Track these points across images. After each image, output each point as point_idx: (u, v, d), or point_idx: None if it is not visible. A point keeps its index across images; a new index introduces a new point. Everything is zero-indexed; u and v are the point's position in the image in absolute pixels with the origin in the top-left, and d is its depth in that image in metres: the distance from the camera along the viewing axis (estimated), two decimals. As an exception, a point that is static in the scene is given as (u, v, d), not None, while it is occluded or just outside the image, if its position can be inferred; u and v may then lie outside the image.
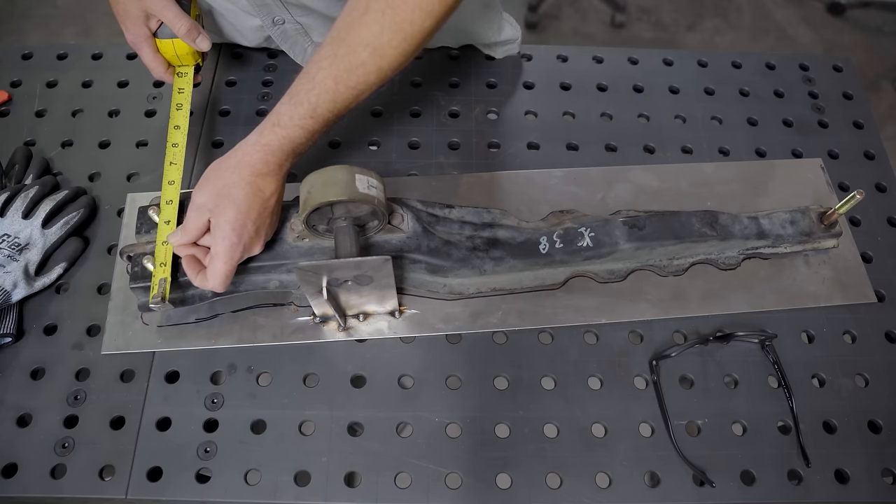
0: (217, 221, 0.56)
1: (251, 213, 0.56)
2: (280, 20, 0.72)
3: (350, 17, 0.56)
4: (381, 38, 0.55)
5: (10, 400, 0.62)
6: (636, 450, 0.61)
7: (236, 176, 0.56)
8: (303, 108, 0.56)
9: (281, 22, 0.73)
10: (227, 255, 0.56)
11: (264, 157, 0.56)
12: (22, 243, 0.67)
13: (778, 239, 0.69)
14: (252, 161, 0.56)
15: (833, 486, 0.60)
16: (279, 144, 0.56)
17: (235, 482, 0.58)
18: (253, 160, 0.56)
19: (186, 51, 0.69)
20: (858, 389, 0.65)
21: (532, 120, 0.82)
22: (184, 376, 0.63)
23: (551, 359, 0.65)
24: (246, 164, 0.56)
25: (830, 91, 0.86)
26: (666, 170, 0.77)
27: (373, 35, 0.55)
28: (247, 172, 0.56)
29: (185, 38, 0.66)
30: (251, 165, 0.56)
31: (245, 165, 0.56)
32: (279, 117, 0.56)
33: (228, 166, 0.56)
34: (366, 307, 0.65)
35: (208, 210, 0.56)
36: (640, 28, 2.21)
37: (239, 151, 0.57)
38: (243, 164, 0.56)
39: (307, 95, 0.56)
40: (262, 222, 0.58)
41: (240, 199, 0.55)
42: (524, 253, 0.66)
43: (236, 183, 0.56)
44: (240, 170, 0.56)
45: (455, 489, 0.59)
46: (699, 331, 0.67)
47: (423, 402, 0.62)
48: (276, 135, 0.56)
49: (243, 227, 0.56)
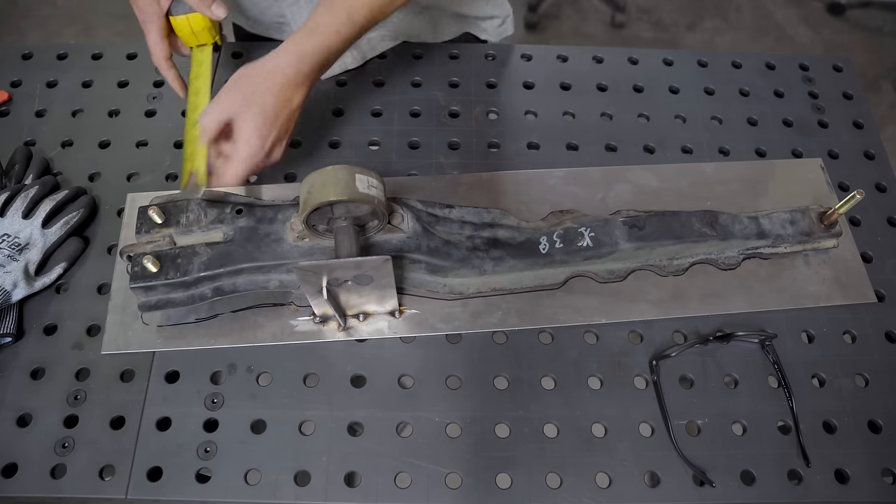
0: (241, 126, 0.57)
1: (277, 121, 0.58)
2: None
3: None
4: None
5: (10, 400, 0.62)
6: (636, 450, 0.61)
7: (268, 83, 0.57)
8: (340, 14, 0.57)
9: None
10: (248, 161, 0.58)
11: (298, 66, 0.57)
12: (22, 243, 0.67)
13: (778, 239, 0.69)
14: (286, 69, 0.57)
15: (833, 486, 0.60)
16: (313, 52, 0.57)
17: (235, 482, 0.58)
18: (287, 69, 0.57)
19: (203, 26, 0.67)
20: (858, 389, 0.65)
21: (532, 120, 0.82)
22: (184, 376, 0.63)
23: (551, 359, 0.65)
24: (279, 71, 0.57)
25: (830, 91, 0.86)
26: (666, 170, 0.77)
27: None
28: (279, 80, 0.57)
29: (200, 6, 0.64)
30: (285, 74, 0.57)
31: (278, 73, 0.57)
32: (316, 24, 0.57)
33: (261, 72, 0.57)
34: (366, 307, 0.65)
35: (233, 113, 0.57)
36: (640, 28, 2.21)
37: (272, 59, 0.57)
38: (276, 71, 0.57)
39: (344, 2, 0.57)
40: (285, 132, 0.59)
41: (268, 107, 0.57)
42: (524, 253, 0.66)
43: (267, 90, 0.57)
44: (272, 77, 0.57)
45: (455, 489, 0.59)
46: (699, 331, 0.67)
47: (423, 402, 0.62)
48: (311, 42, 0.57)
49: (268, 135, 0.58)
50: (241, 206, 0.64)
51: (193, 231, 0.62)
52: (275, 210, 0.64)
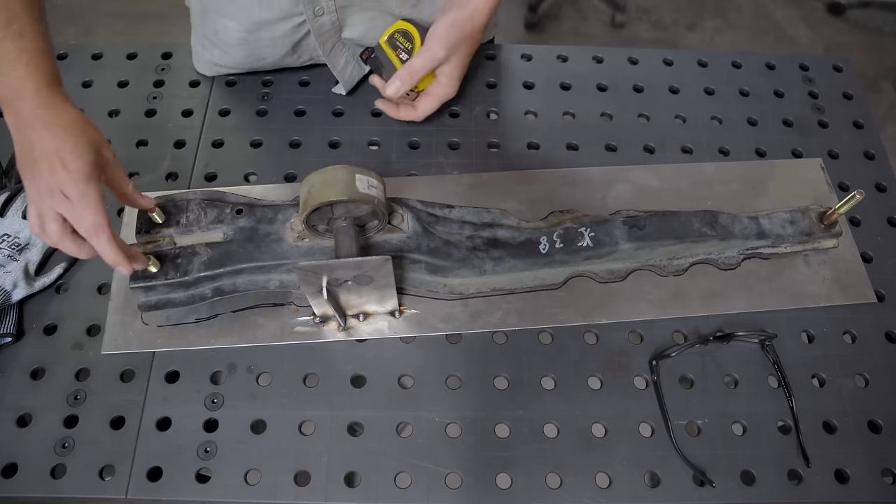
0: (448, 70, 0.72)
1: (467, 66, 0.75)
2: (320, 10, 0.73)
3: None
4: None
5: (10, 400, 0.62)
6: (636, 450, 0.61)
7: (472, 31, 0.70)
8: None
9: (320, 13, 0.73)
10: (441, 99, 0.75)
11: (490, 13, 0.70)
12: (22, 243, 0.67)
13: (778, 239, 0.69)
14: (482, 17, 0.70)
15: (833, 486, 0.60)
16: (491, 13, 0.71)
17: (235, 482, 0.58)
18: (483, 17, 0.70)
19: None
20: (858, 389, 0.65)
21: (532, 120, 0.82)
22: (184, 376, 0.63)
23: (551, 359, 0.65)
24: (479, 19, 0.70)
25: (830, 91, 0.86)
26: (666, 170, 0.77)
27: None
28: (479, 27, 0.71)
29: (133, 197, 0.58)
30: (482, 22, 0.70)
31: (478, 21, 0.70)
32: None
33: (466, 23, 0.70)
34: (366, 307, 0.65)
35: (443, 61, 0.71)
36: (640, 28, 2.21)
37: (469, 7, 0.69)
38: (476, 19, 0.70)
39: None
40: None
41: (469, 53, 0.73)
42: (524, 253, 0.66)
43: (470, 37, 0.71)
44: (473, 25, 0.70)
45: (455, 489, 0.59)
46: (699, 331, 0.67)
47: (423, 402, 0.62)
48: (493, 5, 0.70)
49: (462, 77, 0.75)
50: (241, 206, 0.64)
51: (193, 231, 0.62)
52: (275, 210, 0.64)
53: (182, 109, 0.81)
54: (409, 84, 0.72)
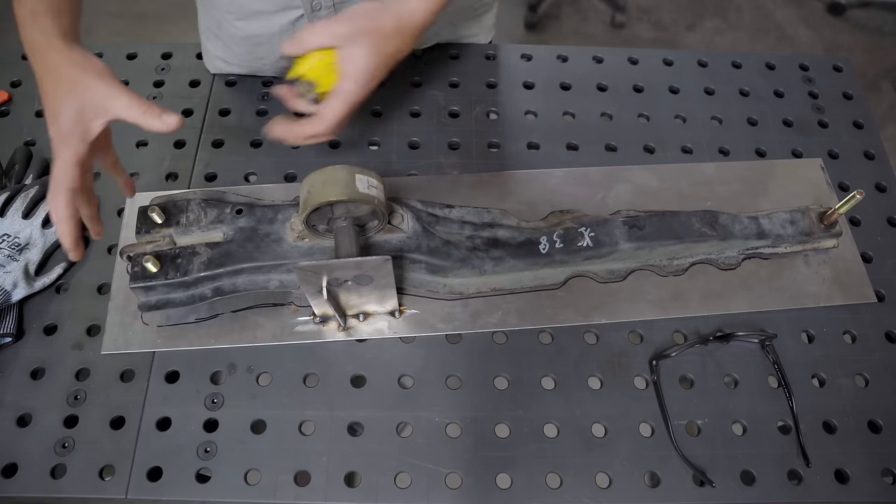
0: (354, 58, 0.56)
1: (385, 67, 0.58)
2: (318, 5, 0.72)
3: None
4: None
5: (10, 400, 0.62)
6: (636, 450, 0.61)
7: (396, 26, 0.57)
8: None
9: (318, 8, 0.72)
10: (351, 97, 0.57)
11: (426, 21, 0.58)
12: (22, 243, 0.67)
13: (778, 239, 0.69)
14: (414, 22, 0.58)
15: (833, 486, 0.60)
16: (438, 7, 0.59)
17: (235, 482, 0.58)
18: (416, 22, 0.58)
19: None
20: (858, 389, 0.65)
21: (532, 120, 0.82)
22: (184, 376, 0.63)
23: (551, 359, 0.65)
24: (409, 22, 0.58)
25: (830, 91, 0.86)
26: (666, 170, 0.77)
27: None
28: (406, 26, 0.58)
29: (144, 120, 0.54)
30: (413, 22, 0.58)
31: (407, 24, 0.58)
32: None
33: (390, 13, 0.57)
34: (366, 307, 0.65)
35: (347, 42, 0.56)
36: (640, 28, 2.21)
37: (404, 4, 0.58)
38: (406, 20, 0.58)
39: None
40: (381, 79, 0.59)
41: (385, 50, 0.57)
42: (524, 253, 0.66)
43: (392, 34, 0.57)
44: (401, 21, 0.57)
45: (455, 489, 0.59)
46: (699, 331, 0.67)
47: (423, 402, 0.62)
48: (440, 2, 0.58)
49: (375, 77, 0.58)
50: (241, 206, 0.64)
51: (193, 231, 0.62)
52: (275, 210, 0.64)
53: (182, 109, 0.81)
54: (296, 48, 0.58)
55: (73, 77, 0.53)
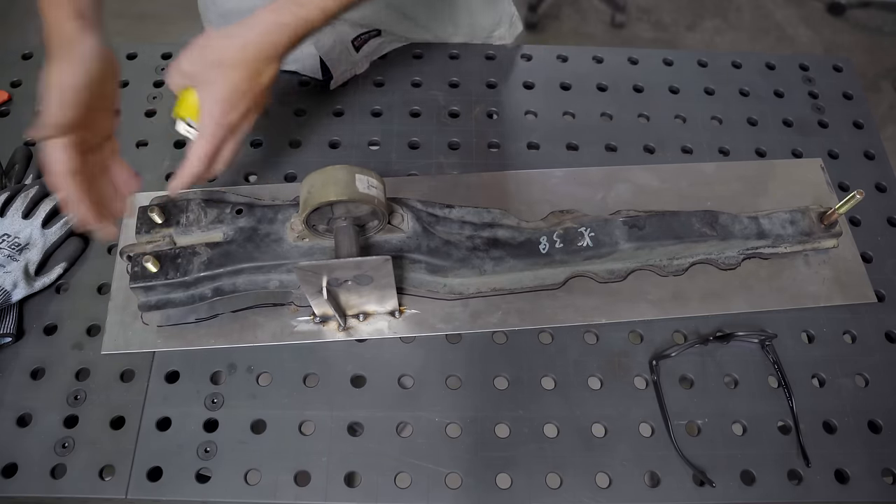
0: (204, 96, 0.53)
1: (246, 95, 0.54)
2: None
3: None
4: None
5: (10, 400, 0.62)
6: (636, 450, 0.61)
7: (240, 55, 0.53)
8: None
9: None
10: (211, 134, 0.54)
11: (276, 41, 0.53)
12: (22, 243, 0.67)
13: (778, 239, 0.69)
14: (262, 43, 0.53)
15: (833, 486, 0.60)
16: (295, 26, 0.54)
17: (235, 482, 0.58)
18: (263, 42, 0.53)
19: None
20: (858, 389, 0.65)
21: (532, 120, 0.82)
22: (184, 376, 0.63)
23: (551, 359, 0.65)
24: (254, 44, 0.53)
25: (830, 91, 0.86)
26: (666, 170, 0.77)
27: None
28: (252, 54, 0.53)
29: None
30: (259, 48, 0.53)
31: (253, 46, 0.53)
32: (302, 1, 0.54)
33: (233, 43, 0.53)
34: (366, 307, 0.65)
35: (195, 81, 0.54)
36: (640, 28, 2.21)
37: (249, 29, 0.53)
38: (252, 44, 0.53)
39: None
40: (253, 105, 0.55)
41: (236, 80, 0.52)
42: (524, 253, 0.66)
43: (238, 63, 0.53)
44: (245, 50, 0.53)
45: (455, 489, 0.59)
46: (699, 331, 0.67)
47: (423, 402, 0.62)
48: (295, 16, 0.53)
49: (233, 107, 0.53)
50: (241, 206, 0.64)
51: (193, 231, 0.62)
52: (275, 210, 0.64)
53: (182, 109, 0.80)
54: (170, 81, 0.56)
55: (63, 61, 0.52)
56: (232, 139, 0.57)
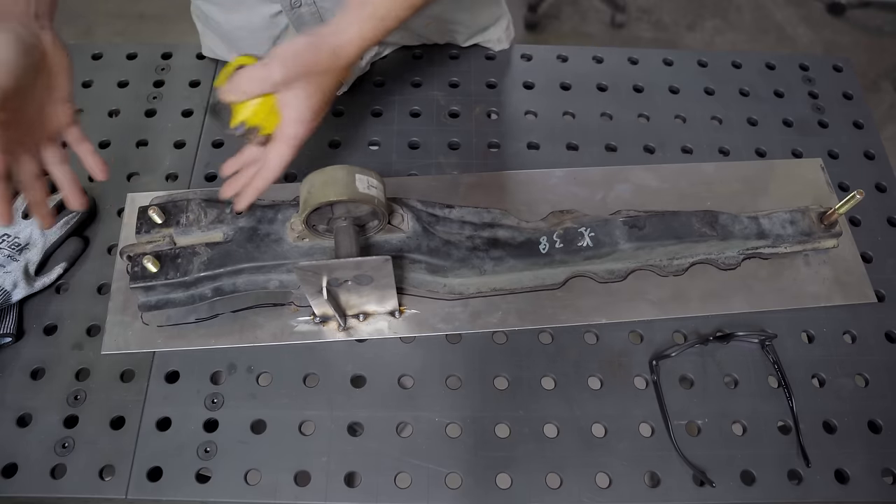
0: (295, 104, 0.56)
1: (327, 104, 0.58)
2: (297, 2, 0.70)
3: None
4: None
5: (10, 400, 0.62)
6: (636, 450, 0.61)
7: (333, 62, 0.56)
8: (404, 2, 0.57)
9: (298, 5, 0.71)
10: (298, 140, 0.57)
11: (359, 53, 0.57)
12: (22, 243, 0.67)
13: (778, 239, 0.69)
14: (350, 54, 0.57)
15: (833, 486, 0.60)
16: (374, 38, 0.57)
17: (235, 482, 0.58)
18: (351, 54, 0.57)
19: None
20: (858, 389, 0.65)
21: (532, 120, 0.82)
22: (184, 376, 0.63)
23: (551, 359, 0.65)
24: (345, 51, 0.56)
25: (830, 91, 0.86)
26: (666, 170, 0.77)
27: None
28: (343, 62, 0.57)
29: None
30: (348, 55, 0.56)
31: (343, 53, 0.56)
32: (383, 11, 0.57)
33: (325, 51, 0.55)
34: (366, 307, 0.65)
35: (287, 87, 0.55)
36: (640, 28, 2.21)
37: (337, 35, 0.56)
38: (342, 51, 0.56)
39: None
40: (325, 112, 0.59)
41: (327, 87, 0.57)
42: (524, 253, 0.66)
43: (330, 70, 0.56)
44: (338, 58, 0.56)
45: (455, 489, 0.59)
46: (699, 331, 0.67)
47: (423, 402, 0.62)
48: (377, 29, 0.57)
49: (318, 117, 0.58)
50: (241, 206, 0.64)
51: (193, 231, 0.62)
52: (275, 210, 0.64)
53: (182, 109, 0.81)
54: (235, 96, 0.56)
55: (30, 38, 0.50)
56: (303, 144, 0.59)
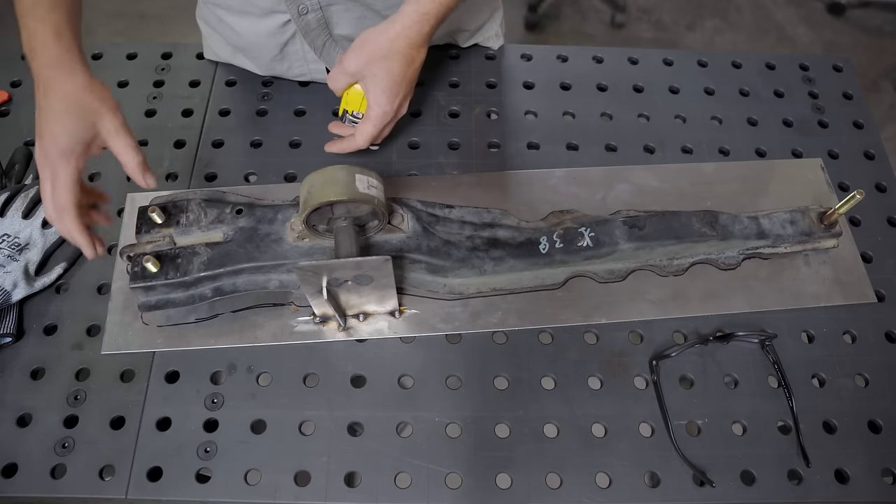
0: (370, 88, 0.64)
1: (403, 82, 0.63)
2: (304, 9, 0.72)
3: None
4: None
5: (10, 400, 0.62)
6: (636, 450, 0.61)
7: (394, 46, 0.62)
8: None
9: (305, 12, 0.72)
10: (378, 119, 0.65)
11: (421, 28, 0.61)
12: (22, 243, 0.67)
13: (778, 239, 0.69)
14: (410, 32, 0.61)
15: (833, 486, 0.60)
16: (436, 12, 0.61)
17: (235, 482, 0.58)
18: (411, 31, 0.61)
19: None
20: (858, 389, 0.65)
21: (532, 120, 0.82)
22: (184, 376, 0.63)
23: (551, 359, 0.65)
24: (404, 35, 0.61)
25: (830, 91, 0.86)
26: (666, 170, 0.77)
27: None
28: (404, 44, 0.62)
29: (135, 174, 0.59)
30: (409, 37, 0.61)
31: (403, 37, 0.61)
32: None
33: (387, 37, 0.62)
34: (366, 307, 0.65)
35: (360, 76, 0.64)
36: (640, 28, 2.21)
37: (396, 23, 0.62)
38: (402, 35, 0.61)
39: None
40: (409, 90, 0.65)
41: (395, 70, 0.62)
42: (524, 253, 0.66)
43: (393, 53, 0.62)
44: (398, 41, 0.61)
45: (455, 489, 0.59)
46: (699, 331, 0.67)
47: (423, 402, 0.62)
48: (434, 3, 0.61)
49: (395, 95, 0.64)
50: (241, 206, 0.64)
51: (193, 231, 0.62)
52: (275, 210, 0.64)
53: (182, 109, 0.81)
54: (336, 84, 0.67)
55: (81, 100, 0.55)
56: (393, 122, 0.67)
